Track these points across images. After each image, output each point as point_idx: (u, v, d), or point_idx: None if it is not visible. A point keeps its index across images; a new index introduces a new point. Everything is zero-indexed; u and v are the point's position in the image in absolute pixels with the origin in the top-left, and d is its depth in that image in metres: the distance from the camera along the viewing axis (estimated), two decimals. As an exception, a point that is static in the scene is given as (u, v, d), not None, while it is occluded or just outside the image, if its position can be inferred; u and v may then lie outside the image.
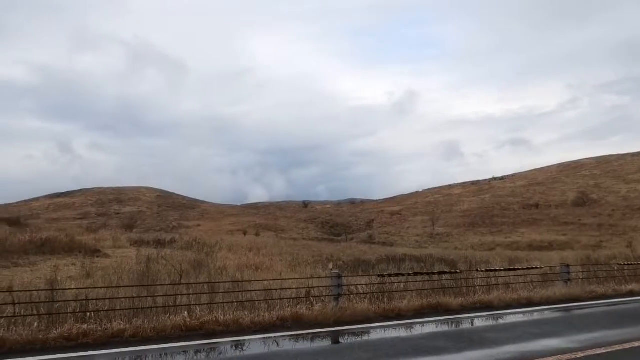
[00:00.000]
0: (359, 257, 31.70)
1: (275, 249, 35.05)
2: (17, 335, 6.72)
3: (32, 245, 23.19)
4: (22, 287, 12.50)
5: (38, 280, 15.19)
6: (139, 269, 17.30)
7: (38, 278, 16.16)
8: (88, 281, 15.48)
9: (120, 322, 7.53)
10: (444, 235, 71.74)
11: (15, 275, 17.20)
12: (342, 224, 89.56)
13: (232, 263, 23.83)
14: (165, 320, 7.75)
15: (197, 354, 6.59)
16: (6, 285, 13.03)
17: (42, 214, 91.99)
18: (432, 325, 8.68)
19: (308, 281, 11.03)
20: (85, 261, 20.80)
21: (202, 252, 28.48)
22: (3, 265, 19.31)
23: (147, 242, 32.87)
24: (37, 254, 22.30)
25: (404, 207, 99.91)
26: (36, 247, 23.19)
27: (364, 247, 46.06)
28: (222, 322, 7.86)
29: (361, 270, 22.19)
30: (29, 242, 23.52)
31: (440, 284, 12.10)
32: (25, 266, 19.61)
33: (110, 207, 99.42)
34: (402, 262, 26.76)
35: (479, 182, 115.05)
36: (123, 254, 25.69)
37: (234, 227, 79.09)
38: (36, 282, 14.40)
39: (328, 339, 7.62)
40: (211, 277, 14.45)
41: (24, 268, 19.15)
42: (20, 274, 17.46)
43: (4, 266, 19.10)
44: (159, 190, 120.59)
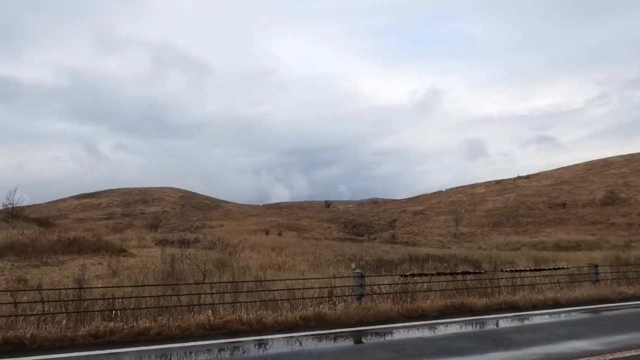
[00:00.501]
0: (382, 257, 31.56)
1: (298, 249, 35.14)
2: (47, 333, 6.88)
3: (60, 245, 23.72)
4: (51, 285, 12.82)
5: (66, 279, 15.55)
6: (164, 268, 17.57)
7: (66, 277, 16.54)
8: (114, 280, 15.79)
9: (146, 321, 7.65)
10: (468, 235, 70.92)
11: (44, 274, 17.63)
12: (364, 224, 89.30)
13: (254, 263, 23.99)
14: (190, 318, 7.85)
15: (220, 352, 6.66)
16: (36, 283, 13.38)
17: (69, 214, 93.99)
18: (456, 326, 8.60)
19: (330, 281, 11.03)
20: (112, 260, 21.21)
21: (225, 252, 28.76)
22: (33, 264, 19.80)
23: (171, 242, 33.30)
24: (65, 253, 22.80)
25: (427, 207, 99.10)
26: (64, 246, 23.72)
27: (387, 247, 45.85)
28: (245, 321, 7.92)
29: (384, 270, 22.10)
30: (58, 242, 24.06)
31: (464, 284, 11.98)
32: (54, 265, 20.07)
33: (135, 207, 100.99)
34: (425, 262, 26.58)
35: (504, 181, 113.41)
36: (148, 253, 26.09)
37: (257, 227, 79.56)
38: (64, 281, 14.75)
39: (351, 338, 7.61)
40: (234, 277, 14.58)
41: (52, 267, 19.61)
42: (49, 273, 17.88)
43: (34, 265, 19.59)
44: (183, 191, 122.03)
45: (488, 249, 52.74)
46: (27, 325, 7.18)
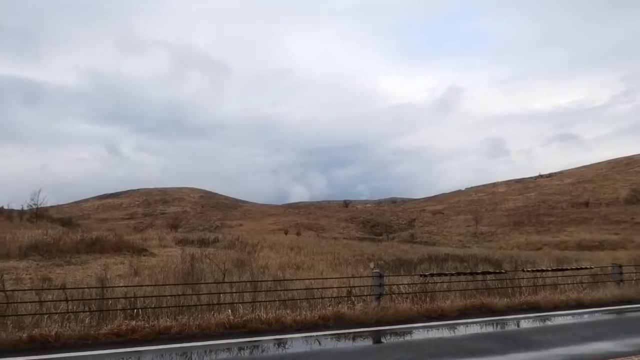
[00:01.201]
0: (401, 257, 31.41)
1: (316, 248, 35.18)
2: (71, 331, 7.01)
3: (83, 245, 24.13)
4: (75, 284, 13.05)
5: (89, 278, 15.81)
6: (184, 268, 17.74)
7: (89, 276, 16.82)
8: (136, 279, 16.00)
9: (167, 319, 7.75)
10: (488, 234, 70.19)
11: (67, 273, 17.95)
12: (383, 223, 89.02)
13: (273, 262, 24.08)
14: (210, 317, 7.92)
15: (240, 351, 6.71)
16: (60, 282, 13.64)
17: (92, 214, 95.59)
18: (476, 326, 8.53)
19: (349, 280, 11.03)
20: (133, 260, 21.51)
21: (244, 251, 28.94)
22: (57, 263, 20.19)
23: (191, 242, 33.62)
24: (87, 253, 23.19)
25: (447, 206, 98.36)
26: (87, 246, 24.12)
27: (406, 247, 45.62)
28: (264, 320, 7.97)
29: (403, 269, 21.99)
30: (80, 242, 24.48)
31: (484, 284, 11.86)
32: (77, 264, 20.43)
33: (155, 207, 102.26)
34: (444, 262, 26.39)
35: (525, 180, 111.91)
36: (168, 252, 26.39)
37: (276, 227, 79.89)
38: (87, 280, 14.99)
39: (370, 338, 7.60)
40: (253, 276, 14.66)
41: (75, 266, 19.96)
42: (73, 272, 18.20)
43: (58, 264, 19.96)
44: (203, 191, 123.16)
45: (509, 249, 52.13)
46: (52, 323, 7.33)
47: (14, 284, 14.04)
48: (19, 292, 9.14)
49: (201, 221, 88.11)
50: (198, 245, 31.59)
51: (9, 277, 15.00)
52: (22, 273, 17.21)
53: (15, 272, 17.15)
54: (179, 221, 75.31)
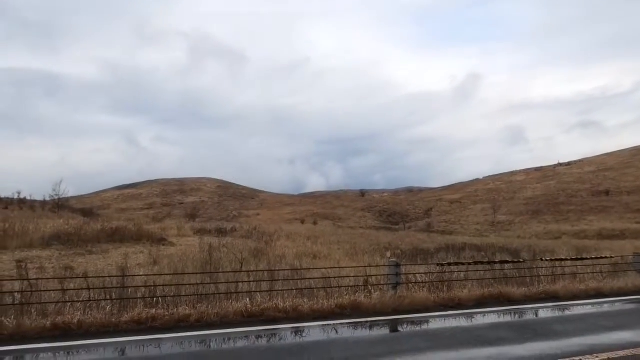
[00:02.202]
0: (418, 246, 31.32)
1: (333, 238, 35.24)
2: (92, 319, 7.15)
3: (103, 234, 24.49)
4: (96, 273, 13.27)
5: (110, 267, 16.07)
6: (202, 257, 17.92)
7: (110, 265, 17.10)
8: (155, 268, 16.22)
9: (186, 308, 7.85)
10: (506, 223, 69.52)
11: (89, 262, 18.26)
12: (400, 213, 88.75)
13: (290, 251, 24.18)
14: (228, 306, 8.01)
15: (258, 339, 6.77)
16: (81, 271, 13.87)
17: (112, 204, 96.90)
18: (493, 316, 8.48)
19: (366, 270, 11.04)
20: (152, 249, 21.79)
21: (261, 241, 29.10)
22: (78, 252, 20.55)
23: (209, 231, 33.93)
24: (108, 242, 23.56)
25: (464, 195, 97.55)
26: (107, 235, 24.48)
27: (423, 236, 45.44)
28: (281, 308, 8.03)
29: (420, 259, 21.91)
30: (101, 231, 24.84)
31: (502, 274, 11.78)
32: (98, 254, 20.77)
33: (174, 197, 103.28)
34: (462, 251, 26.22)
35: (544, 169, 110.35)
36: (187, 242, 26.68)
37: (292, 216, 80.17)
38: (108, 269, 15.24)
39: (387, 327, 7.62)
40: (271, 265, 14.73)
41: (97, 255, 20.29)
42: (94, 261, 18.52)
43: (79, 254, 20.32)
44: (220, 181, 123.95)
45: (527, 238, 51.60)
46: (75, 311, 7.48)
47: (38, 272, 14.32)
48: (43, 281, 9.33)
49: (219, 211, 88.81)
50: (216, 234, 31.86)
51: (32, 266, 15.31)
52: (45, 262, 17.56)
53: (39, 261, 17.51)
54: (196, 211, 76.04)
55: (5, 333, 6.61)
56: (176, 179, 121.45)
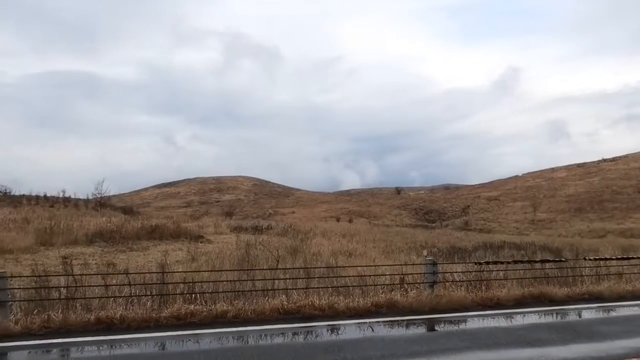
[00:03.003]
0: (455, 244, 30.86)
1: (368, 236, 35.10)
2: (134, 314, 7.36)
3: (143, 232, 25.15)
4: (137, 269, 13.64)
5: (150, 264, 16.48)
6: (239, 254, 18.18)
7: (149, 261, 17.54)
8: (193, 265, 16.53)
9: (223, 304, 7.98)
10: (547, 221, 67.70)
11: (130, 258, 18.78)
12: (436, 210, 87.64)
13: (326, 249, 24.22)
14: (264, 303, 8.10)
15: (294, 336, 6.83)
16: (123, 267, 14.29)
17: (151, 202, 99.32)
18: (534, 316, 8.29)
19: (402, 268, 10.97)
20: (190, 246, 22.21)
21: (297, 238, 29.26)
22: (120, 249, 21.17)
23: (245, 229, 34.35)
24: (148, 240, 24.18)
25: (502, 192, 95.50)
26: (147, 233, 25.12)
27: (460, 234, 44.76)
28: (317, 306, 8.06)
29: (457, 257, 21.59)
30: (141, 229, 25.51)
31: (543, 273, 11.49)
32: (138, 250, 21.33)
33: (211, 195, 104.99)
34: (500, 250, 25.73)
35: (586, 165, 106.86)
36: (224, 239, 27.10)
37: (327, 214, 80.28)
38: (148, 265, 15.63)
39: (423, 326, 7.55)
40: (306, 263, 14.82)
41: (137, 252, 20.85)
42: (135, 258, 19.02)
43: (121, 250, 20.93)
44: (256, 179, 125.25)
45: (569, 237, 50.11)
46: (117, 306, 7.71)
47: (82, 268, 14.83)
48: (87, 277, 9.65)
49: (254, 209, 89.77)
50: (252, 232, 32.23)
51: (77, 262, 15.88)
52: (89, 258, 18.16)
53: (83, 258, 18.12)
54: (233, 209, 77.10)
55: (52, 326, 6.88)
56: (213, 178, 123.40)
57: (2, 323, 6.78)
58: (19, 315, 7.27)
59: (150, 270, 10.85)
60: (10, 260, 17.23)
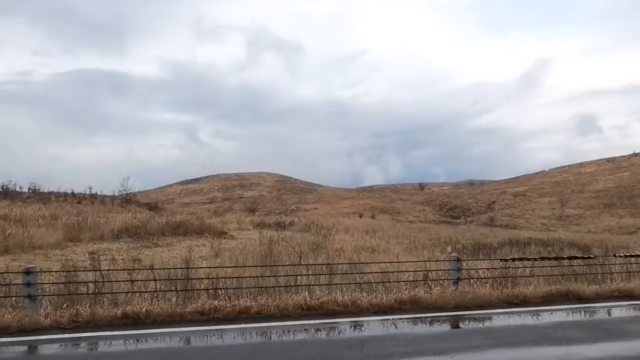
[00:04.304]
0: (479, 241, 30.54)
1: (392, 232, 35.00)
2: (159, 309, 7.49)
3: (168, 228, 25.56)
4: (162, 265, 13.87)
5: (174, 259, 16.75)
6: (262, 250, 18.34)
7: (174, 257, 17.82)
8: (217, 261, 16.74)
9: (247, 300, 8.06)
10: (575, 217, 66.40)
11: (155, 254, 19.11)
12: (460, 206, 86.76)
13: (348, 245, 24.25)
14: (287, 299, 8.14)
15: (317, 332, 6.86)
16: (148, 263, 14.55)
17: (175, 199, 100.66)
18: (561, 314, 8.15)
19: (426, 264, 10.89)
20: (214, 242, 22.51)
21: (319, 234, 29.36)
22: (145, 245, 21.55)
23: (268, 225, 34.60)
24: (172, 236, 24.57)
25: (529, 188, 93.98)
26: (172, 229, 25.53)
27: (485, 230, 44.26)
28: (340, 302, 8.07)
29: (482, 254, 21.38)
30: (166, 225, 25.93)
31: (571, 270, 11.28)
32: (163, 246, 21.69)
33: (234, 191, 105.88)
34: (526, 246, 25.41)
35: (617, 159, 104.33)
36: (247, 235, 27.36)
37: (350, 210, 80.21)
38: (173, 261, 15.89)
39: (447, 323, 7.50)
40: (329, 259, 14.85)
41: (162, 248, 21.21)
42: (160, 254, 19.35)
43: (146, 246, 21.31)
44: (278, 175, 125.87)
45: (598, 233, 49.07)
46: (142, 301, 7.86)
47: (109, 264, 15.15)
48: (113, 272, 9.86)
49: (277, 205, 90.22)
50: (275, 228, 32.45)
51: (104, 258, 16.21)
52: (115, 254, 18.54)
53: (109, 253, 18.51)
54: (256, 205, 77.55)
55: (80, 320, 7.05)
56: (236, 174, 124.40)
57: (32, 317, 6.97)
58: (48, 309, 7.46)
59: (175, 266, 11.01)
60: (40, 255, 17.71)
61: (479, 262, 12.77)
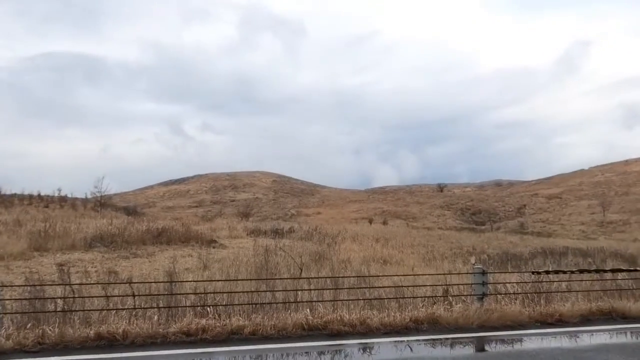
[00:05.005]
0: (508, 250, 30.53)
1: (406, 240, 35.01)
2: (138, 329, 7.48)
3: (149, 235, 25.58)
4: (141, 278, 13.91)
5: (156, 272, 16.78)
6: (257, 261, 18.35)
7: (156, 269, 17.85)
8: (205, 273, 16.76)
9: (239, 318, 8.05)
10: (619, 223, 66.25)
11: (134, 266, 19.15)
12: (486, 211, 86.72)
13: (357, 255, 24.27)
14: (286, 317, 8.13)
15: (321, 356, 6.85)
16: (126, 276, 14.59)
17: (157, 202, 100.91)
18: (603, 335, 8.12)
19: (446, 277, 10.88)
20: (202, 252, 22.52)
21: (323, 243, 29.38)
22: (122, 255, 21.58)
23: (264, 232, 34.62)
24: (154, 244, 24.58)
25: (565, 189, 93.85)
26: (153, 237, 25.54)
27: (514, 238, 44.22)
28: (347, 321, 8.06)
29: (511, 265, 21.36)
30: (146, 232, 25.95)
31: (614, 285, 11.26)
32: (143, 257, 21.71)
33: (225, 193, 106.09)
34: (563, 257, 25.40)
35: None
36: (239, 244, 27.38)
37: (359, 215, 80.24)
38: (154, 274, 15.92)
39: (471, 345, 7.48)
40: (334, 271, 14.86)
41: (142, 259, 21.23)
42: (139, 265, 19.39)
43: (124, 256, 21.33)
44: (276, 175, 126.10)
45: (646, 241, 48.95)
46: (119, 319, 7.85)
47: (81, 277, 15.18)
48: (86, 286, 9.88)
49: (274, 209, 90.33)
50: (272, 236, 32.48)
51: (75, 270, 16.26)
52: (88, 265, 18.57)
53: (81, 265, 18.54)
54: (250, 209, 77.59)
55: (47, 342, 7.05)
56: (227, 173, 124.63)
57: (-8, 338, 6.98)
58: (10, 329, 7.45)
59: (157, 280, 11.05)
60: (1, 267, 17.73)
61: (508, 275, 12.75)
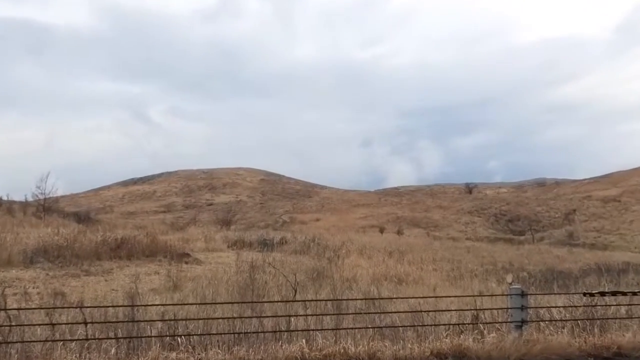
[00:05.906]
0: (553, 267, 30.60)
1: (427, 254, 35.05)
2: (92, 364, 7.49)
3: (105, 248, 25.56)
4: (96, 302, 13.90)
5: (114, 293, 16.77)
6: (240, 280, 18.33)
7: (114, 290, 17.84)
8: (175, 295, 16.75)
9: (218, 351, 8.04)
10: (693, 233, 66.43)
11: (86, 286, 19.11)
12: (525, 217, 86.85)
13: (364, 273, 24.28)
14: (277, 349, 8.13)
15: (319, 399, 6.85)
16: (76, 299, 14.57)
17: (115, 205, 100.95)
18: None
19: (475, 300, 10.90)
20: (172, 268, 22.48)
21: (323, 257, 29.37)
22: (72, 273, 21.54)
23: (249, 243, 34.65)
24: (111, 259, 24.58)
25: (626, 190, 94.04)
26: (110, 250, 25.53)
27: (561, 252, 44.35)
28: (352, 354, 8.06)
29: (557, 285, 21.42)
30: (102, 244, 25.93)
31: (686, 309, 11.29)
32: (98, 275, 21.69)
33: (200, 195, 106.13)
34: (622, 274, 25.42)
35: None
36: (219, 258, 27.39)
37: (367, 222, 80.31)
38: (112, 296, 15.92)
39: (507, 385, 7.50)
40: (336, 293, 14.85)
41: (96, 277, 21.21)
42: (93, 285, 19.36)
43: (73, 274, 21.29)
44: (264, 172, 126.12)
45: None
46: (67, 353, 7.83)
47: (19, 300, 15.15)
48: (25, 312, 9.86)
49: (262, 215, 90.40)
50: (259, 248, 32.50)
51: (11, 292, 16.22)
52: (29, 286, 18.54)
53: (20, 285, 18.51)
54: (231, 215, 77.60)
55: (-22, 381, 7.05)
56: (203, 171, 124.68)
57: None
58: None
59: (115, 303, 11.04)
60: None
61: (553, 298, 12.78)
